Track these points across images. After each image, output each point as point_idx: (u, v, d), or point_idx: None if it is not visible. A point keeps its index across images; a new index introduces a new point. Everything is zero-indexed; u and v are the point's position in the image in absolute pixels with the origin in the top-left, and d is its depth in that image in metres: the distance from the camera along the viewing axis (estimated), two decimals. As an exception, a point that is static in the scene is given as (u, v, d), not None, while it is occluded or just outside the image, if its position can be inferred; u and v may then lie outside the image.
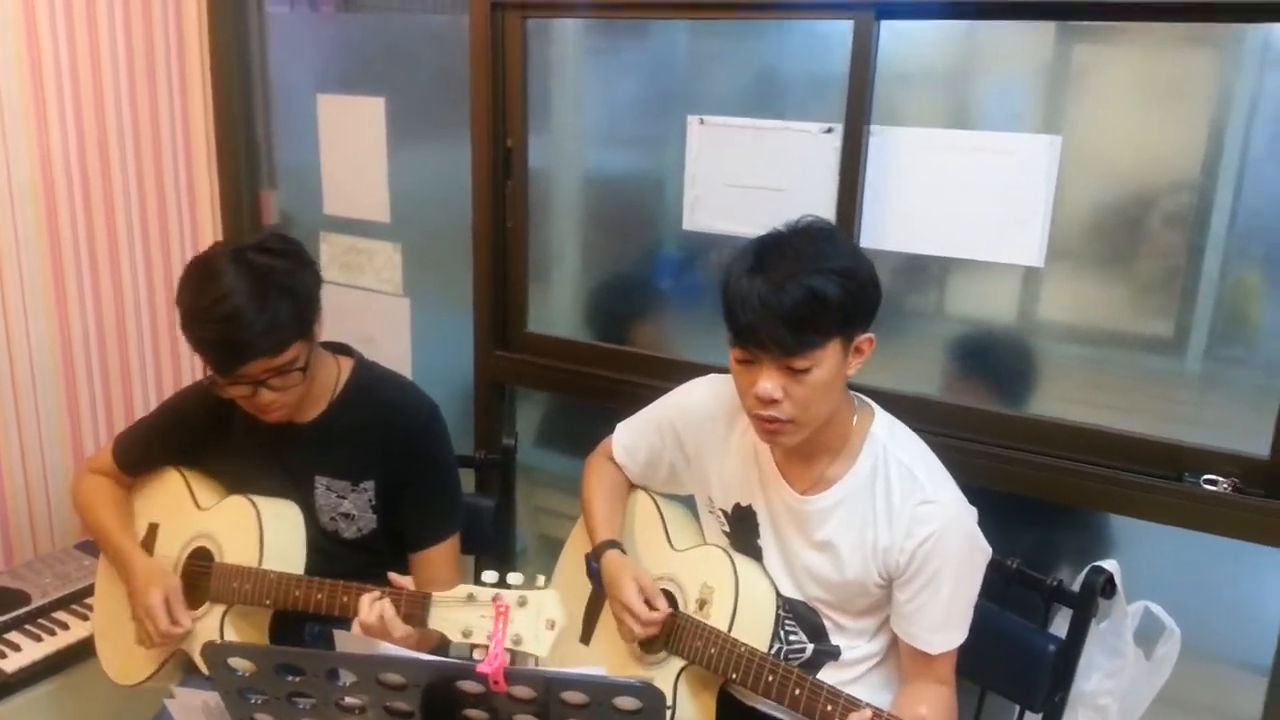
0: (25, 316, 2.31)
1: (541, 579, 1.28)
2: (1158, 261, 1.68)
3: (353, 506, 1.66)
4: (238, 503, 1.66)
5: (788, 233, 1.35)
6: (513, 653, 1.24)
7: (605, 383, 2.16)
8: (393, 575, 1.42)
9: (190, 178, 2.63)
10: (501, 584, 1.26)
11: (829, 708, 1.29)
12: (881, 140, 1.83)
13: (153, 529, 1.73)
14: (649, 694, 0.94)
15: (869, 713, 1.21)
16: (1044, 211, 1.72)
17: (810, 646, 1.47)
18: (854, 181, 1.85)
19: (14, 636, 2.06)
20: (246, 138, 2.66)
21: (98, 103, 2.38)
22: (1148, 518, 1.75)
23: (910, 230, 1.85)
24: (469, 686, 0.97)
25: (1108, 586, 1.49)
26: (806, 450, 1.44)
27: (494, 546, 1.93)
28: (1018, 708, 1.56)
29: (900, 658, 1.45)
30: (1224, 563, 1.72)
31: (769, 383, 1.31)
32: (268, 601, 1.56)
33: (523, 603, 1.25)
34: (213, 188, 2.66)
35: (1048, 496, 1.77)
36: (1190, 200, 1.64)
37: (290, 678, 1.00)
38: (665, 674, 1.50)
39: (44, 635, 2.07)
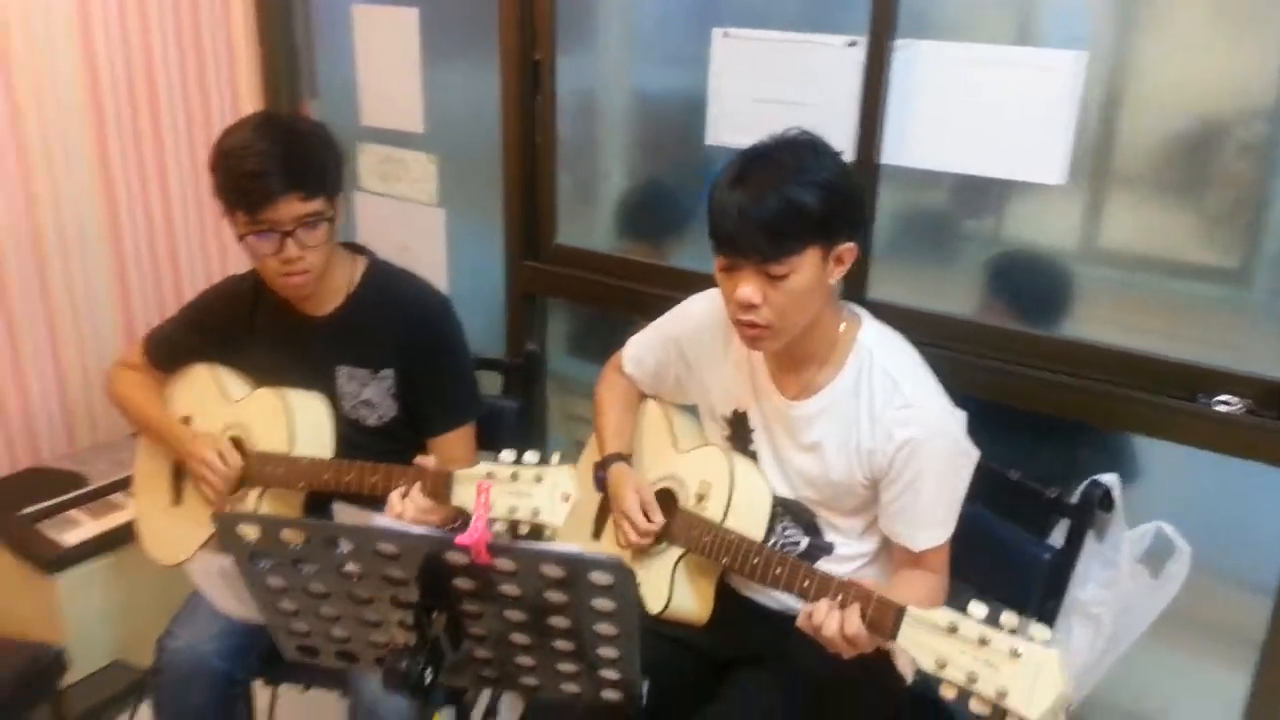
0: (80, 220, 2.42)
1: (556, 456, 1.35)
2: (1226, 191, 1.63)
3: (374, 394, 1.74)
4: (267, 394, 1.74)
5: (772, 144, 1.37)
6: (532, 524, 1.33)
7: (630, 294, 2.19)
8: (419, 458, 1.50)
9: (234, 87, 2.70)
10: (519, 461, 1.34)
11: (806, 583, 1.35)
12: (906, 55, 1.81)
13: (186, 421, 1.82)
14: (620, 570, 1.00)
15: (845, 583, 1.27)
16: (1068, 129, 1.70)
17: (805, 540, 1.53)
18: (876, 96, 1.83)
19: (73, 514, 2.21)
20: (286, 47, 2.71)
21: (143, 16, 2.45)
22: (1160, 436, 1.75)
23: (932, 147, 1.84)
24: (458, 558, 1.04)
25: (1105, 499, 1.51)
26: (795, 358, 1.47)
27: (517, 447, 1.99)
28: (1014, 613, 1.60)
29: (892, 553, 1.50)
30: (1240, 484, 1.73)
31: (748, 288, 1.35)
32: (301, 484, 1.65)
33: (539, 478, 1.33)
34: (255, 97, 2.73)
35: (1056, 412, 1.79)
36: (1265, 130, 1.59)
37: (295, 545, 1.08)
38: (664, 562, 1.56)
39: (99, 515, 2.22)
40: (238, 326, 1.79)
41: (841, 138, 1.89)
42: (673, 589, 1.55)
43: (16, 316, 2.32)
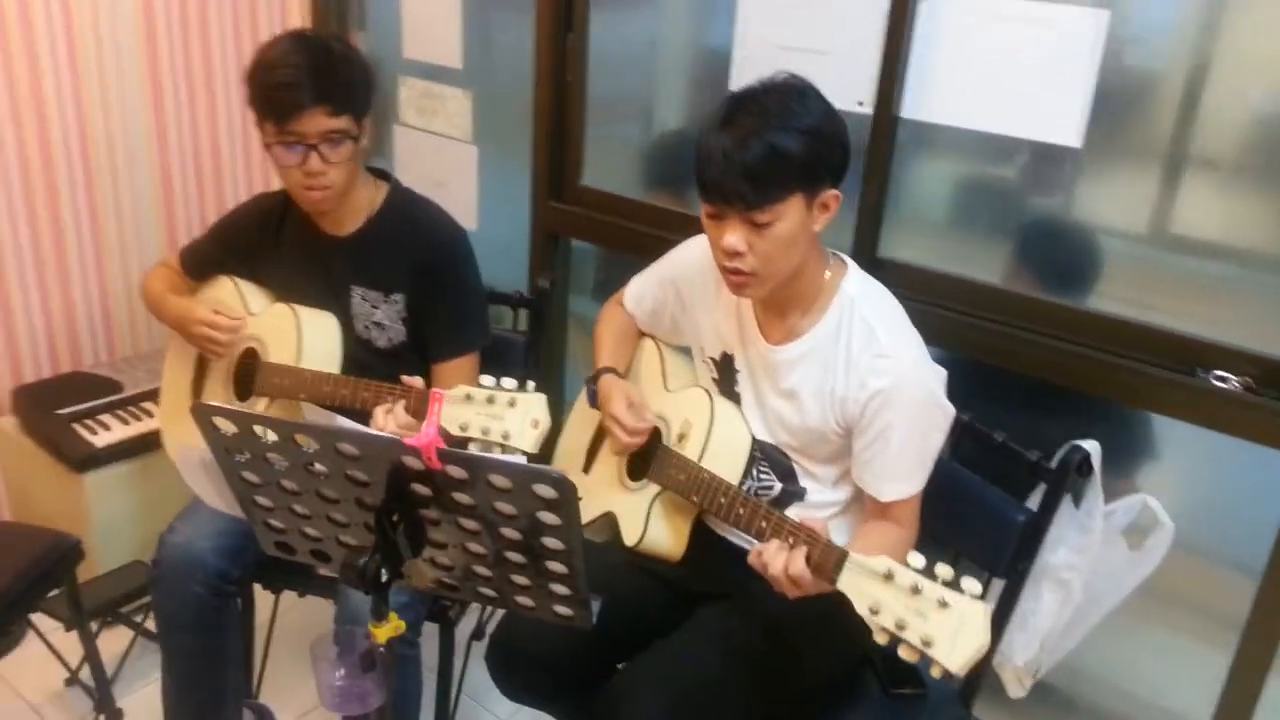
0: (128, 133, 2.51)
1: (531, 384, 1.40)
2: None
3: (384, 316, 1.80)
4: (281, 309, 1.81)
5: (759, 89, 1.37)
6: (503, 446, 1.39)
7: (652, 240, 2.19)
8: (405, 377, 1.55)
9: (284, 16, 2.75)
10: (497, 387, 1.39)
11: (764, 524, 1.38)
12: (930, 5, 1.79)
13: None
14: (563, 485, 1.04)
15: (800, 527, 1.30)
16: (1086, 89, 1.68)
17: (779, 485, 1.55)
18: (898, 46, 1.82)
19: (105, 418, 2.32)
20: (335, -24, 2.76)
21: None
22: (1153, 409, 1.75)
23: (951, 101, 1.82)
24: (415, 464, 1.09)
25: (1084, 465, 1.51)
26: (779, 303, 1.49)
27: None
28: (987, 574, 1.62)
29: (864, 504, 1.53)
30: (1232, 462, 1.71)
31: (733, 236, 1.36)
32: (303, 396, 1.72)
33: (513, 403, 1.39)
34: (304, 25, 2.79)
35: (1046, 376, 1.78)
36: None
37: (265, 440, 1.14)
38: (641, 498, 1.61)
39: (130, 421, 2.33)
40: (264, 242, 1.86)
41: (862, 89, 1.88)
42: (648, 524, 1.59)
43: (65, 225, 2.43)
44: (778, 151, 1.31)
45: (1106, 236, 1.79)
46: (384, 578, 1.14)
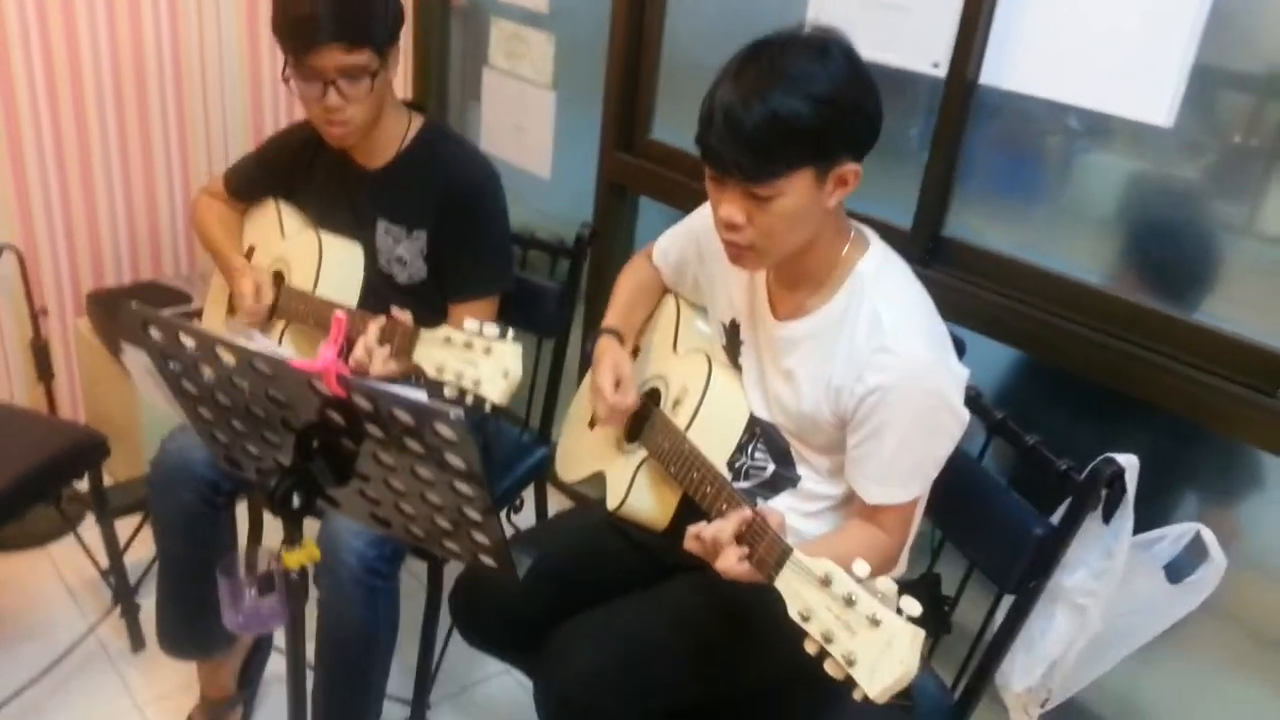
0: (221, 51, 2.56)
1: (511, 332, 1.33)
2: None
3: (406, 252, 1.77)
4: (308, 236, 1.81)
5: (776, 43, 1.21)
6: (475, 394, 1.33)
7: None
8: (394, 309, 1.51)
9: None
10: (478, 333, 1.33)
11: (724, 507, 1.28)
12: (1022, -42, 1.62)
13: (250, 249, 1.92)
14: (460, 428, 0.97)
15: (748, 514, 1.18)
16: (1182, 63, 1.47)
17: (772, 467, 1.44)
18: (980, 3, 1.65)
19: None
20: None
21: None
22: (1226, 432, 1.54)
23: (1036, 70, 1.64)
24: (326, 390, 1.04)
25: (1116, 480, 1.33)
26: (792, 277, 1.37)
27: (555, 328, 2.00)
28: (997, 588, 1.47)
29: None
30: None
31: (731, 207, 1.24)
32: (311, 321, 1.72)
33: (488, 351, 1.32)
34: (408, -37, 2.78)
35: (1118, 386, 1.60)
36: None
37: (191, 350, 1.11)
38: (630, 461, 1.52)
39: (191, 334, 2.40)
40: (299, 168, 1.86)
41: (939, 50, 1.72)
42: (630, 489, 1.51)
43: (154, 140, 2.51)
44: (782, 119, 1.16)
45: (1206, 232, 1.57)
46: (295, 502, 1.10)
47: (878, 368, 1.27)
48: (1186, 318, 1.55)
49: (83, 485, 1.92)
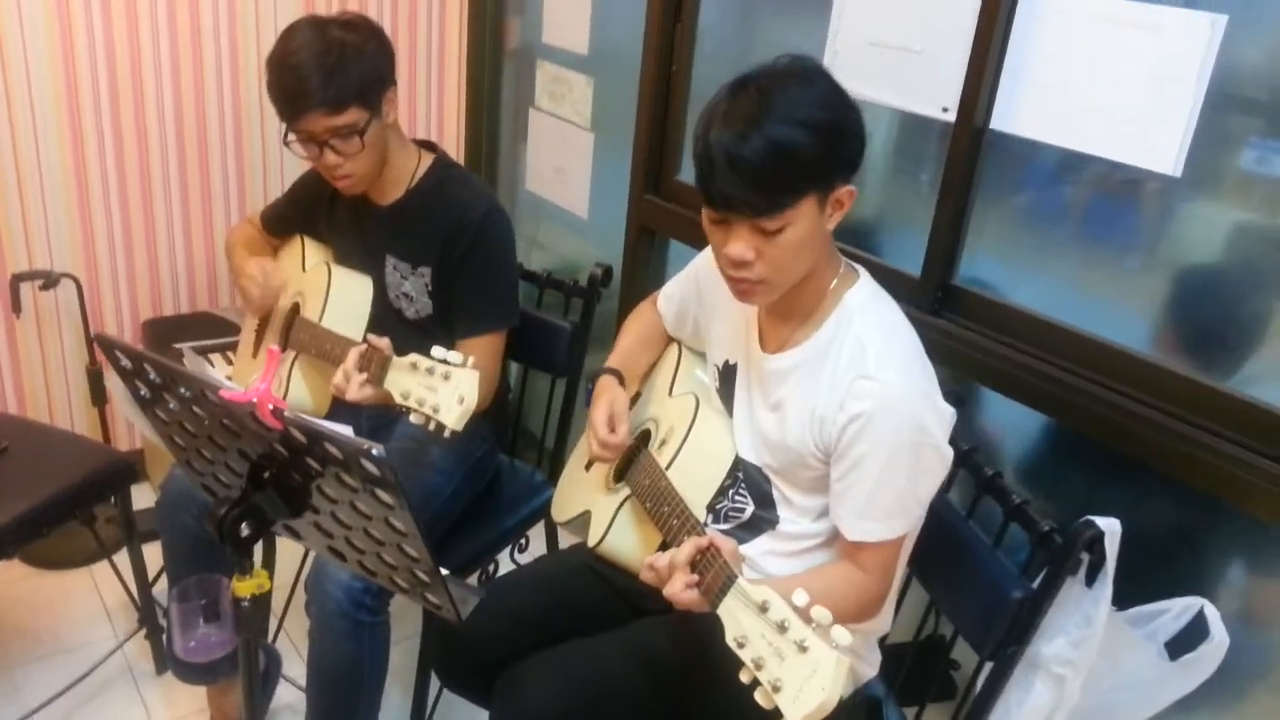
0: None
1: (471, 360, 1.36)
2: None
3: (412, 288, 1.81)
4: (321, 269, 1.87)
5: (757, 77, 1.23)
6: (434, 420, 1.36)
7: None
8: (370, 336, 1.54)
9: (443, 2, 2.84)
10: (441, 360, 1.36)
11: (684, 537, 1.28)
12: (1031, 4, 1.58)
13: (281, 284, 2.00)
14: (384, 464, 0.98)
15: (704, 541, 1.17)
16: (1191, 108, 1.41)
17: (751, 509, 1.42)
18: (988, 48, 1.62)
19: (214, 356, 2.49)
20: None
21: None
22: (1234, 501, 1.45)
23: (1045, 115, 1.60)
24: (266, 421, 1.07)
25: (1095, 546, 1.27)
26: (783, 310, 1.37)
27: (567, 369, 2.01)
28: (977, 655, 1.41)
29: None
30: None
31: (740, 245, 1.25)
32: (313, 352, 1.78)
33: (447, 377, 1.36)
34: (463, 10, 2.86)
35: (1128, 450, 1.52)
36: None
37: (154, 379, 1.16)
38: (614, 500, 1.53)
39: (232, 362, 2.49)
40: (322, 205, 1.93)
41: (949, 94, 1.69)
42: (610, 527, 1.51)
43: (213, 176, 2.64)
44: (783, 150, 1.18)
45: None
46: (244, 532, 1.13)
47: (859, 394, 1.25)
48: (1216, 384, 1.47)
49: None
